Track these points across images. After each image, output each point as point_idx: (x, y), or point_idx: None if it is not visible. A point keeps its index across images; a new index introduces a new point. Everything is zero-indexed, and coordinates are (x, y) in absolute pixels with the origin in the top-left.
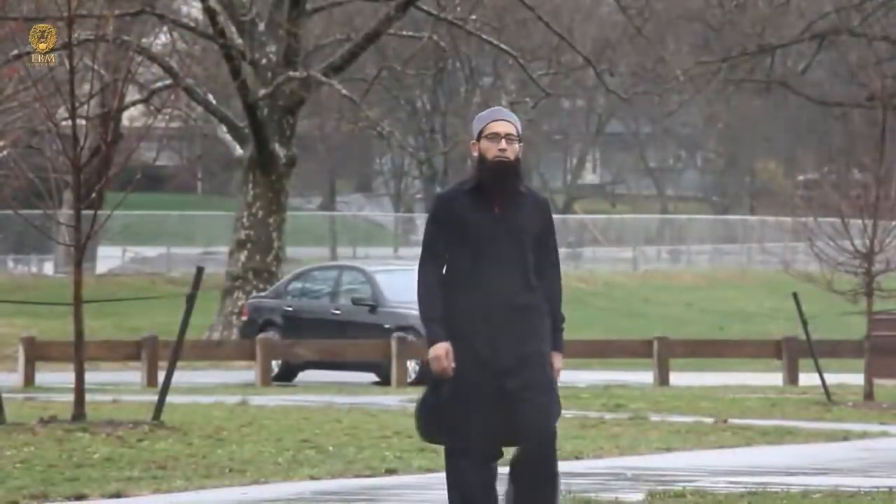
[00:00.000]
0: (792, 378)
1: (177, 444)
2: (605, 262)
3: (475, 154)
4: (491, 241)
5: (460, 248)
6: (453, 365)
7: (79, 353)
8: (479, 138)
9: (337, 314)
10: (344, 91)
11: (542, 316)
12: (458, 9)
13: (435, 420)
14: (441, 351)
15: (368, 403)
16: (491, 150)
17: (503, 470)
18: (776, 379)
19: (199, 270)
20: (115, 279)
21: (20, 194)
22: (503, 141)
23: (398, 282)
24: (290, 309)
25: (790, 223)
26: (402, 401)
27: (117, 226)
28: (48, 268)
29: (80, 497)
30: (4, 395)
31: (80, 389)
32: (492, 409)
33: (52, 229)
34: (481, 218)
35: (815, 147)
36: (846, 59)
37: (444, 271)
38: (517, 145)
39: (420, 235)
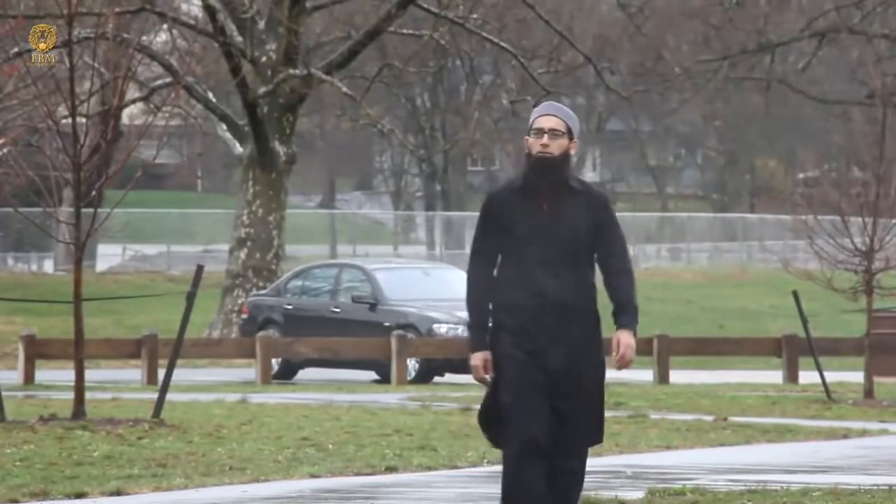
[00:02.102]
0: (792, 376)
1: (177, 441)
2: None
3: (525, 150)
4: (538, 239)
5: (509, 248)
6: (491, 375)
7: (79, 350)
8: (528, 134)
9: (337, 312)
10: (345, 89)
11: (595, 315)
12: (461, 7)
13: (496, 423)
14: (478, 361)
15: (368, 401)
16: (534, 145)
17: None
18: (776, 377)
19: (199, 268)
20: (115, 277)
21: (20, 192)
22: (546, 136)
23: (398, 280)
24: (290, 307)
25: (790, 221)
26: (402, 399)
27: (117, 224)
28: (48, 265)
29: (80, 495)
30: (4, 393)
31: (80, 387)
32: (546, 406)
33: (52, 227)
34: (529, 216)
35: (815, 145)
36: (846, 57)
37: (494, 271)
38: (564, 140)
39: (420, 234)
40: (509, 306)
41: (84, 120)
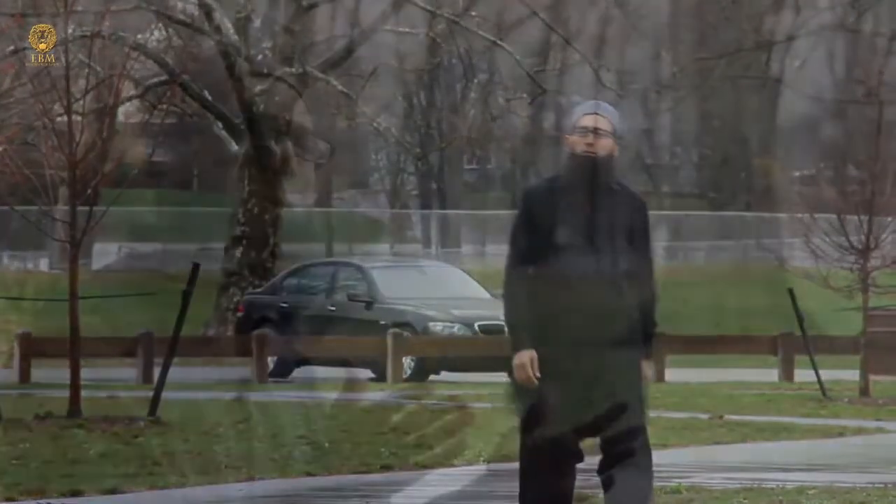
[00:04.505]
0: (788, 374)
1: (172, 440)
2: None
3: (566, 149)
4: (580, 241)
5: (548, 248)
6: (538, 374)
7: (74, 349)
8: (571, 132)
9: (332, 310)
10: (340, 87)
11: (633, 320)
12: (460, 4)
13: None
14: (525, 359)
15: (364, 399)
16: (579, 144)
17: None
18: (772, 375)
19: (195, 267)
20: (110, 275)
21: (16, 190)
22: (591, 135)
23: (394, 278)
24: (285, 305)
25: (786, 219)
26: (398, 397)
27: (113, 222)
28: (44, 264)
29: (75, 493)
30: (0, 392)
31: (75, 385)
32: (578, 412)
33: (47, 225)
34: (570, 217)
35: (812, 143)
36: (842, 56)
37: (531, 270)
38: (609, 141)
39: (416, 232)
40: (549, 312)
41: (79, 118)
